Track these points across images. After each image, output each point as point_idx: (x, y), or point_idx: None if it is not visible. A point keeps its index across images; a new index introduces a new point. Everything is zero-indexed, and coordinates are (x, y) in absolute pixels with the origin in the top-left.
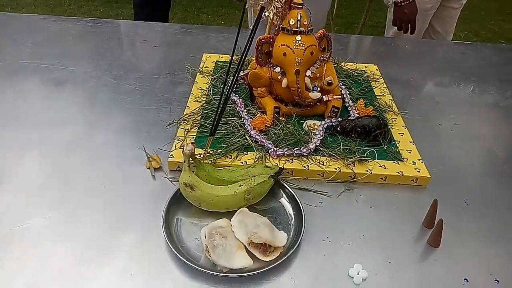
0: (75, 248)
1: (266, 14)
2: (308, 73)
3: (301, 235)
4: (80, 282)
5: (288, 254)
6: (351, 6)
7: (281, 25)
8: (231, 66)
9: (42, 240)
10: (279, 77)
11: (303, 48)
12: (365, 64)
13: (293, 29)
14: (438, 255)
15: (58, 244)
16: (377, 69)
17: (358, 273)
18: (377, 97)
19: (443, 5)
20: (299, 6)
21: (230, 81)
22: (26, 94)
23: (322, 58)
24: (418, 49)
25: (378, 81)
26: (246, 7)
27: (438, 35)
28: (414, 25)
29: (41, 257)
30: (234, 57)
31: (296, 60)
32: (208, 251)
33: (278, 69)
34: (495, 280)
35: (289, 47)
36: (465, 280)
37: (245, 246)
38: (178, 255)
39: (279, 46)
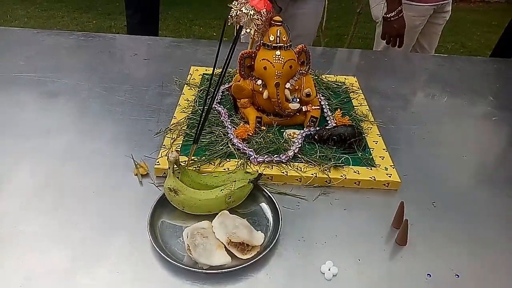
0: (68, 251)
1: (247, 30)
2: (288, 85)
3: (277, 235)
4: (73, 282)
5: (265, 252)
6: (340, 19)
7: (261, 41)
8: (215, 78)
9: (36, 244)
10: (260, 89)
11: (282, 62)
12: (345, 76)
13: (273, 44)
14: (404, 252)
15: (53, 248)
16: (356, 81)
17: (329, 269)
18: (355, 107)
19: (429, 21)
20: (278, 23)
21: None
22: (20, 105)
23: (301, 71)
24: (397, 62)
25: (356, 92)
26: (228, 24)
27: (424, 50)
28: (402, 39)
29: (35, 260)
30: (218, 70)
31: (276, 73)
32: (190, 250)
33: (259, 82)
34: (456, 275)
35: (269, 61)
36: (428, 275)
37: (224, 245)
38: (163, 254)
39: (260, 60)
